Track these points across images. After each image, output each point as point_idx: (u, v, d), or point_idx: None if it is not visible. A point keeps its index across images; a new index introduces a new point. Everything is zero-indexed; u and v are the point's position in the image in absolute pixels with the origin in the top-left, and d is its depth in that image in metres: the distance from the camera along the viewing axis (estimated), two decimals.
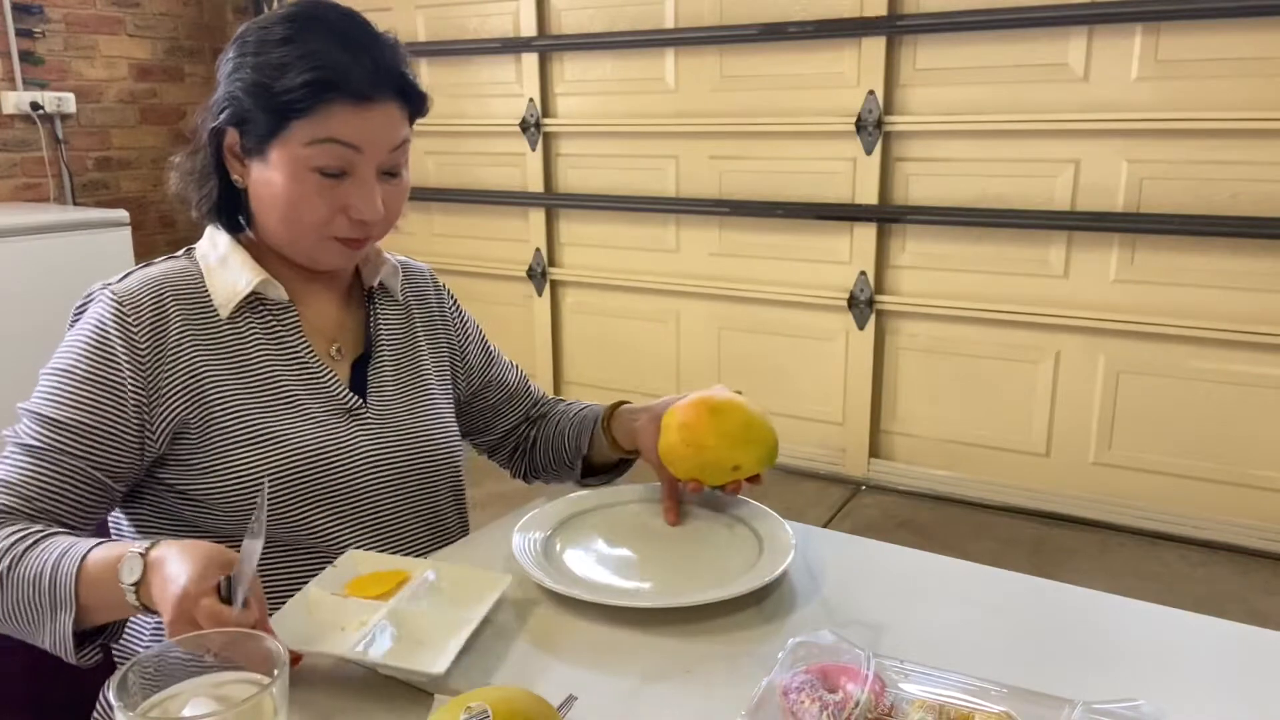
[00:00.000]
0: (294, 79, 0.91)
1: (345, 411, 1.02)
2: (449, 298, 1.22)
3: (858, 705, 0.68)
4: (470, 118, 3.57)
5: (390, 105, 0.96)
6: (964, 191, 2.75)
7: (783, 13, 2.90)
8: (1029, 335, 2.76)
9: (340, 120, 0.92)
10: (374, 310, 1.11)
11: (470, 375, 1.21)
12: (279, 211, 0.96)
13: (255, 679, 0.63)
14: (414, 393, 1.10)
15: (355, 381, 1.06)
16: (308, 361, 1.02)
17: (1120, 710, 0.67)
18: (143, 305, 0.93)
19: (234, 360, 0.97)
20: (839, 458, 3.10)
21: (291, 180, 0.94)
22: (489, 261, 3.67)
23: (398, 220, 1.04)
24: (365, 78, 0.92)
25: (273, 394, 0.98)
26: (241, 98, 0.94)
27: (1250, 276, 2.45)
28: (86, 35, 3.70)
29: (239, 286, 0.98)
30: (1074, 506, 2.77)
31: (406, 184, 1.03)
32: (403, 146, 0.99)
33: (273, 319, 1.01)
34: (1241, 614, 2.26)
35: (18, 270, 2.91)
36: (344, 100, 0.92)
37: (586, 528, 1.06)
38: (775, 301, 3.12)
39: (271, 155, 0.94)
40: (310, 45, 0.92)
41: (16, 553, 0.82)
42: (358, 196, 0.96)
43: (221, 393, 0.95)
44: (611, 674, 0.81)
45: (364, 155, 0.94)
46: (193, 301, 0.97)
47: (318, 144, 0.92)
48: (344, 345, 1.07)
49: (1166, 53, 2.45)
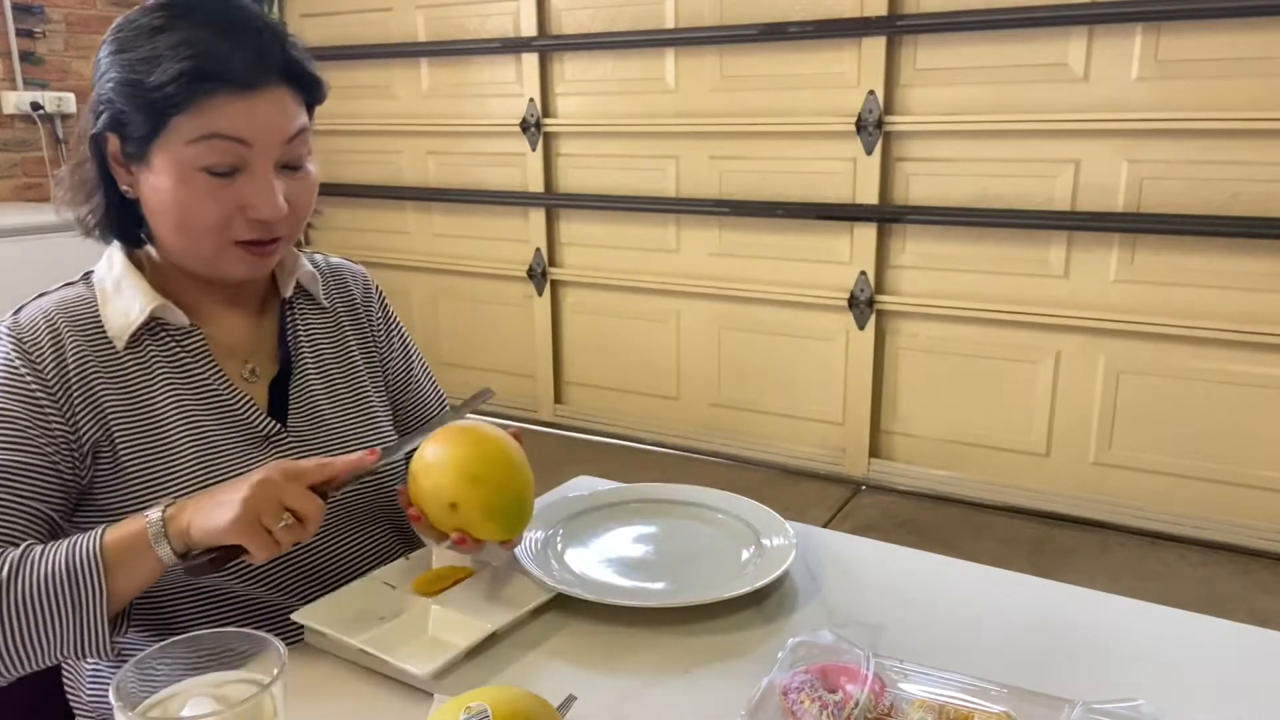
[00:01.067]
0: (167, 72, 0.83)
1: (263, 439, 0.95)
2: (378, 300, 1.13)
3: (858, 705, 0.68)
4: (470, 118, 3.57)
5: (278, 91, 0.88)
6: (964, 191, 2.75)
7: (783, 13, 2.90)
8: (1029, 335, 2.76)
9: (223, 113, 0.84)
10: (291, 321, 1.02)
11: (377, 383, 1.11)
12: (170, 219, 0.88)
13: (255, 679, 0.63)
14: (347, 407, 1.03)
15: (275, 403, 0.98)
16: (216, 388, 0.94)
17: (1120, 710, 0.67)
18: (40, 337, 0.88)
19: (136, 393, 0.90)
20: (839, 458, 3.10)
21: (179, 184, 0.86)
22: (489, 261, 3.67)
23: (308, 217, 0.96)
24: (246, 63, 0.84)
25: (179, 428, 0.91)
26: (114, 98, 0.86)
27: (1250, 276, 2.45)
28: (87, 35, 3.70)
29: (131, 315, 0.91)
30: (1074, 506, 2.77)
31: (313, 178, 0.94)
32: (300, 136, 0.90)
33: (176, 344, 0.93)
34: (1241, 614, 2.26)
35: (18, 270, 2.91)
36: (225, 90, 0.84)
37: (587, 527, 1.06)
38: (775, 301, 3.12)
39: (154, 159, 0.86)
40: (182, 34, 0.84)
41: (12, 561, 0.79)
42: (254, 194, 0.87)
43: (126, 428, 0.89)
44: (611, 674, 0.81)
45: (255, 149, 0.87)
46: (89, 331, 0.90)
47: (201, 141, 0.85)
48: (259, 365, 0.99)
49: (1166, 53, 2.45)
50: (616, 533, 1.06)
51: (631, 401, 3.48)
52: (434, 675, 0.78)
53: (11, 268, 2.91)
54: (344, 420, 1.03)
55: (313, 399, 1.01)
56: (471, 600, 0.90)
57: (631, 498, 1.13)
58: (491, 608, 0.89)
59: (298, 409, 0.99)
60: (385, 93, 3.74)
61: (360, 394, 1.06)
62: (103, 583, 0.78)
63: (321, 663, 0.83)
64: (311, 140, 0.94)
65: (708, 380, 3.32)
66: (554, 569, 0.96)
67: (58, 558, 0.79)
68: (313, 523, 0.80)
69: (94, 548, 0.79)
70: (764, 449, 3.22)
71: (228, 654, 0.65)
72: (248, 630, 0.66)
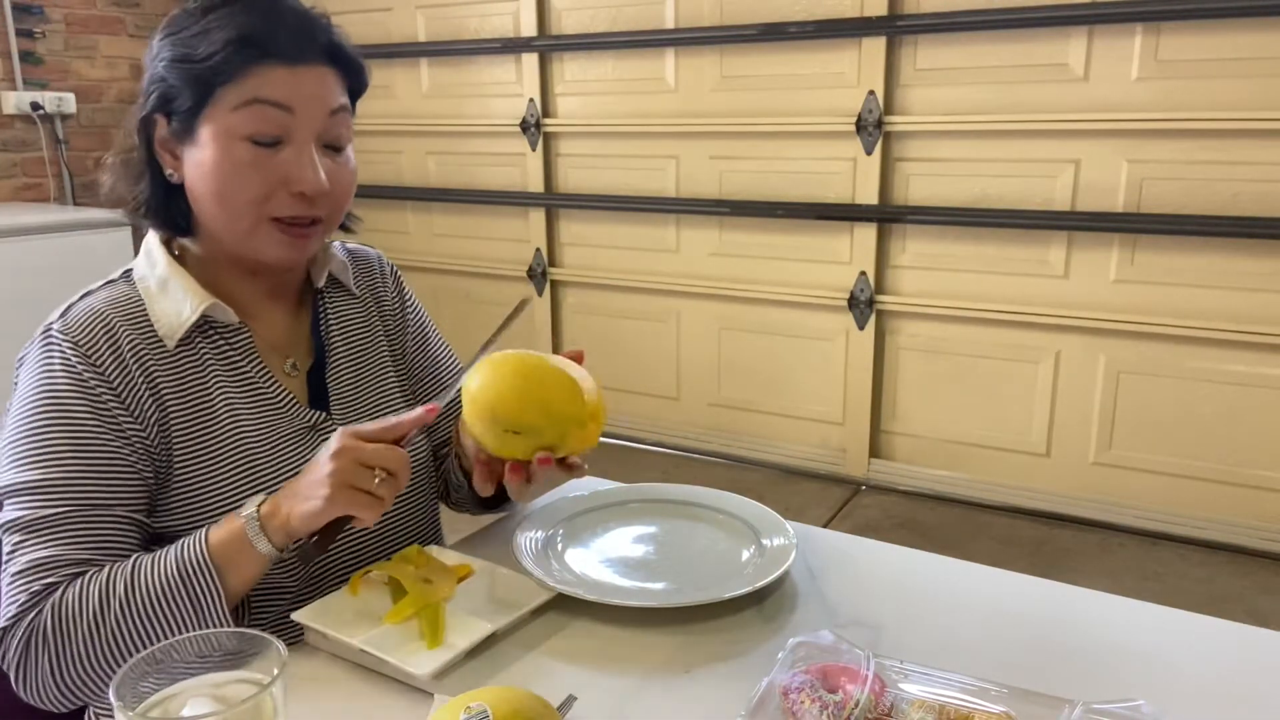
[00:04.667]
0: (216, 42, 0.86)
1: (309, 429, 0.97)
2: (393, 278, 1.15)
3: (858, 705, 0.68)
4: (470, 118, 3.57)
5: (321, 69, 0.90)
6: (964, 191, 2.75)
7: (783, 13, 2.90)
8: (1029, 335, 2.76)
9: (268, 80, 0.87)
10: (323, 312, 1.04)
11: (399, 361, 1.13)
12: (213, 191, 0.89)
13: (255, 679, 0.63)
14: (372, 392, 1.05)
15: (315, 393, 1.00)
16: (263, 384, 0.95)
17: (1120, 710, 0.67)
18: (96, 336, 0.87)
19: (191, 390, 0.91)
20: (839, 458, 3.10)
21: (223, 153, 0.87)
22: (489, 261, 3.67)
23: (348, 204, 0.97)
24: (291, 39, 0.88)
25: (228, 426, 0.92)
26: (165, 76, 0.89)
27: (1250, 276, 2.45)
28: (87, 35, 3.70)
29: (184, 315, 0.91)
30: (1074, 506, 2.77)
31: (353, 165, 0.96)
32: (341, 114, 0.92)
33: (225, 343, 0.94)
34: (1241, 614, 2.26)
35: (18, 270, 2.91)
36: (270, 60, 0.87)
37: (587, 527, 1.06)
38: (775, 301, 3.12)
39: (201, 133, 0.88)
40: (229, 11, 0.88)
41: (125, 576, 0.81)
42: (296, 166, 0.89)
43: (181, 426, 0.90)
44: (611, 674, 0.81)
45: (297, 118, 0.89)
46: (141, 329, 0.90)
47: (246, 107, 0.87)
48: (298, 358, 1.01)
49: (1166, 53, 2.45)
50: (616, 533, 1.06)
51: (631, 401, 3.48)
52: (434, 675, 0.78)
53: (11, 268, 2.91)
54: (379, 404, 1.05)
55: (347, 387, 1.03)
56: (471, 600, 0.90)
57: (631, 498, 1.13)
58: (491, 608, 0.89)
59: (337, 396, 1.01)
60: (385, 93, 3.74)
61: (383, 379, 1.08)
62: (218, 583, 0.81)
63: (321, 663, 0.83)
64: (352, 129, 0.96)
65: (708, 380, 3.32)
66: (554, 569, 0.96)
67: (168, 566, 0.81)
68: (403, 471, 0.83)
69: (203, 551, 0.81)
70: (764, 449, 3.22)
71: (228, 654, 0.65)
72: (248, 630, 0.66)
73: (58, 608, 0.80)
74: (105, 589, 0.80)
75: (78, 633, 0.79)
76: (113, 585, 0.80)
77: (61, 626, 0.79)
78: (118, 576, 0.81)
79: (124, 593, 0.80)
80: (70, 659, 0.80)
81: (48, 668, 0.80)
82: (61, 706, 0.83)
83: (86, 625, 0.79)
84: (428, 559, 0.94)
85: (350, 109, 0.95)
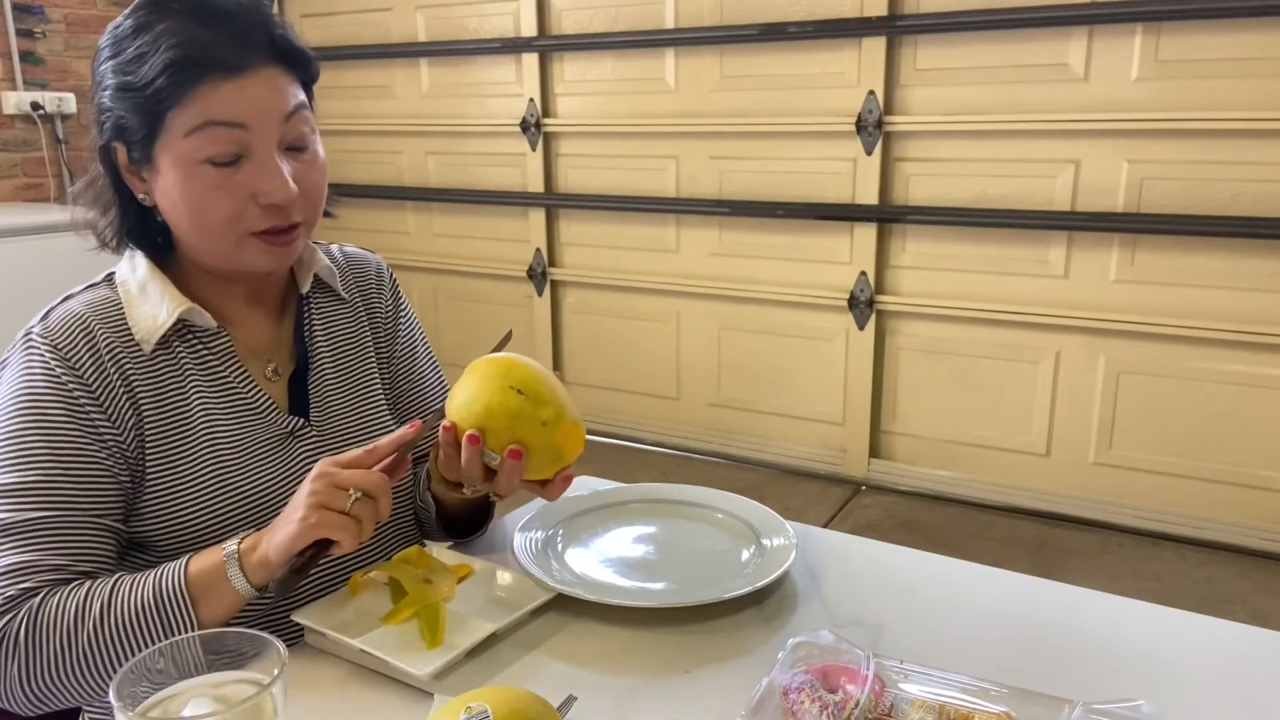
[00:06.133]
0: (154, 67, 0.82)
1: (288, 436, 0.96)
2: (390, 285, 1.12)
3: (858, 705, 0.68)
4: (470, 118, 3.57)
5: (268, 71, 0.86)
6: (964, 191, 2.75)
7: (783, 13, 2.90)
8: (1029, 335, 2.76)
9: (214, 99, 0.83)
10: (308, 317, 1.02)
11: (385, 371, 1.10)
12: (185, 219, 0.87)
13: (255, 679, 0.63)
14: (364, 399, 1.04)
15: (296, 399, 0.98)
16: (241, 389, 0.94)
17: (1120, 710, 0.67)
18: (75, 339, 0.86)
19: (167, 395, 0.90)
20: (839, 458, 3.10)
21: (186, 180, 0.85)
22: (489, 261, 3.67)
23: (323, 202, 0.94)
24: (230, 46, 0.83)
25: (205, 432, 0.91)
26: (112, 105, 0.86)
27: (1250, 276, 2.45)
28: (87, 35, 3.70)
29: (160, 319, 0.89)
30: (1074, 506, 2.77)
31: (322, 160, 0.93)
32: (299, 114, 0.88)
33: (203, 347, 0.93)
34: (1241, 614, 2.26)
35: (18, 270, 2.91)
36: (212, 76, 0.83)
37: (587, 527, 1.06)
38: (775, 302, 3.12)
39: (159, 160, 0.86)
40: (162, 27, 0.83)
41: (103, 596, 0.80)
42: (261, 179, 0.86)
43: (158, 430, 0.89)
44: (611, 674, 0.81)
45: (253, 132, 0.85)
46: (120, 333, 0.89)
47: (198, 131, 0.83)
48: (280, 363, 0.99)
49: (1166, 53, 2.45)
50: (616, 533, 1.06)
51: (631, 401, 3.48)
52: (434, 675, 0.78)
53: (11, 268, 2.91)
54: (364, 412, 1.03)
55: (330, 393, 1.01)
56: (471, 600, 0.90)
57: (631, 498, 1.13)
58: (491, 608, 0.89)
59: (318, 404, 0.99)
60: (385, 93, 3.74)
61: (370, 385, 1.06)
62: (191, 614, 0.80)
63: (321, 663, 0.83)
64: (315, 120, 0.92)
65: (708, 380, 3.32)
66: (554, 569, 0.96)
67: (145, 591, 0.81)
68: (383, 495, 0.82)
69: (179, 580, 0.81)
70: (764, 449, 3.22)
71: (228, 654, 0.65)
72: (248, 630, 0.66)
73: (33, 618, 0.79)
74: (82, 606, 0.80)
75: (49, 646, 0.79)
76: (89, 603, 0.80)
77: (33, 637, 0.79)
78: (95, 594, 0.80)
79: (99, 612, 0.79)
80: (40, 670, 0.79)
81: (16, 675, 0.79)
82: (29, 712, 0.82)
83: (59, 640, 0.79)
84: (428, 559, 0.94)
85: (308, 104, 0.91)
